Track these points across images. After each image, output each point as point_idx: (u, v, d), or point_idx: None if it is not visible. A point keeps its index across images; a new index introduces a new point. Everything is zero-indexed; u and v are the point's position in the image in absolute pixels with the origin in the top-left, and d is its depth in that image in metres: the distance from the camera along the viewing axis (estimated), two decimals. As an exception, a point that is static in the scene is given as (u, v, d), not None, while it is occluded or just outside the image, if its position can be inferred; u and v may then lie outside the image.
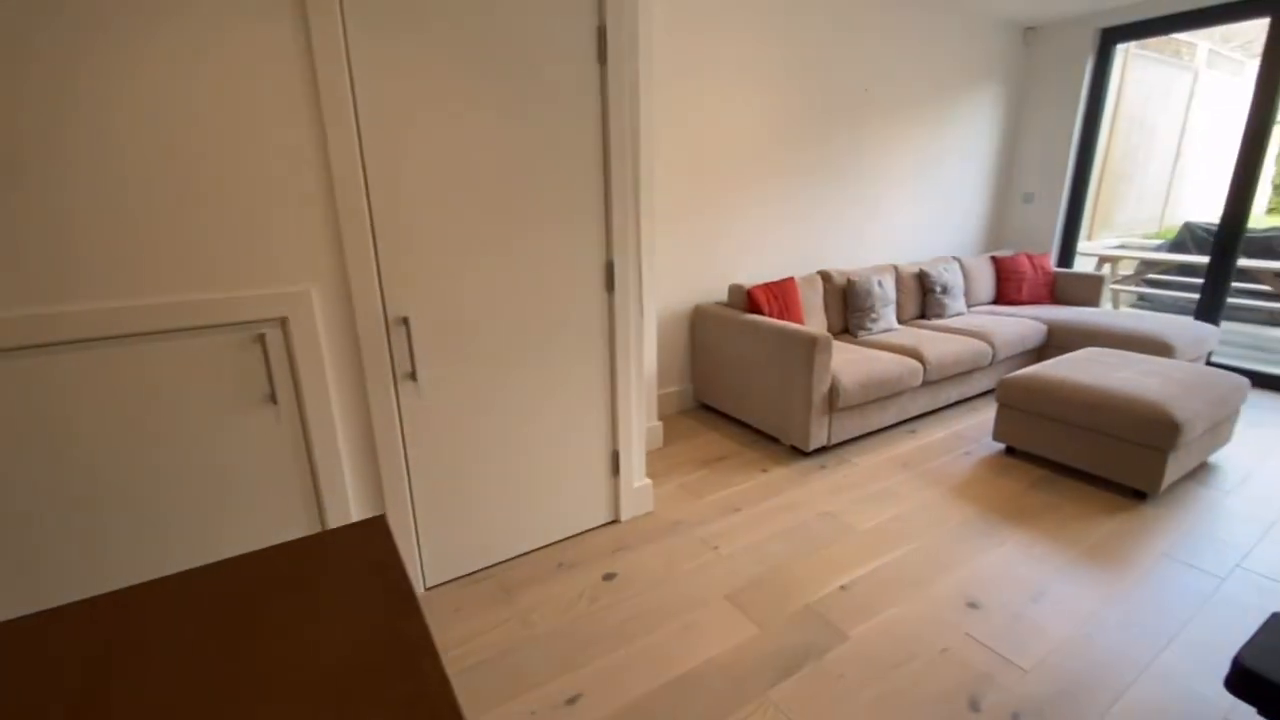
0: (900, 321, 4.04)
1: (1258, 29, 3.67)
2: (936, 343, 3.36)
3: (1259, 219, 8.05)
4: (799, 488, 2.65)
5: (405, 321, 1.75)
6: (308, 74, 1.49)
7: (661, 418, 3.42)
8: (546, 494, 2.16)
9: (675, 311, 3.41)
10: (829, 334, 2.79)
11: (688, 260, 3.36)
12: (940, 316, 4.05)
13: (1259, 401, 3.59)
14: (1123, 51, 4.53)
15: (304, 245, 1.58)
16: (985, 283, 4.44)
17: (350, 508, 1.79)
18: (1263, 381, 3.85)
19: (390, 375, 1.76)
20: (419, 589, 1.98)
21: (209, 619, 0.82)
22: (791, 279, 3.38)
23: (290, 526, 1.73)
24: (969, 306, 4.35)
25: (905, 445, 3.08)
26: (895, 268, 4.05)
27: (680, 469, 2.83)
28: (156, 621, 0.81)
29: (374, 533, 1.07)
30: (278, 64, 1.46)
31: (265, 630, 0.80)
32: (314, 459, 1.70)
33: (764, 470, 2.81)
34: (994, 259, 4.53)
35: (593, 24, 1.86)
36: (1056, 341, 3.89)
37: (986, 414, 3.49)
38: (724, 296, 3.56)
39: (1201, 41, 8.09)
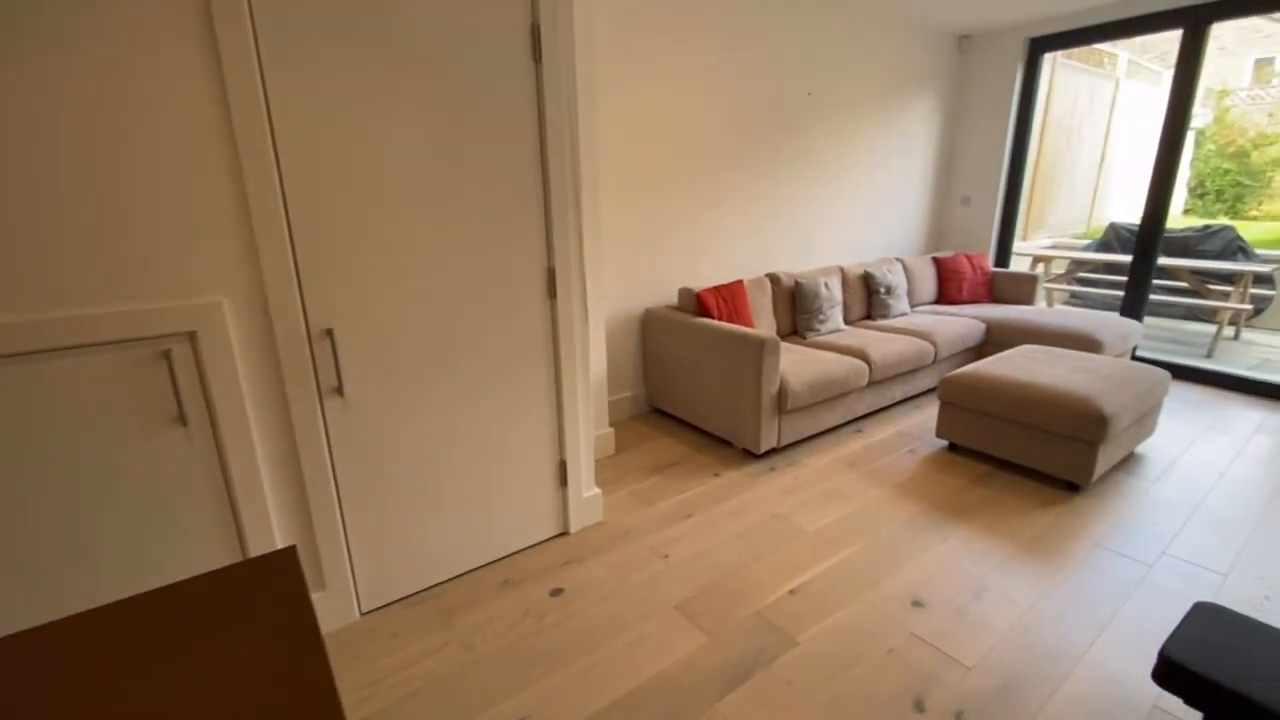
0: (847, 322, 4.10)
1: (1172, 40, 3.88)
2: (881, 343, 3.43)
3: (1176, 220, 8.58)
4: (750, 491, 2.64)
5: (330, 333, 1.65)
6: (212, 71, 1.38)
7: (613, 424, 3.37)
8: (490, 509, 2.08)
9: (626, 315, 3.37)
10: (777, 336, 2.80)
11: (638, 264, 3.33)
12: (885, 317, 4.14)
13: (1179, 393, 3.79)
14: (1050, 60, 4.74)
15: (214, 256, 1.47)
16: (928, 283, 4.57)
17: (274, 533, 1.68)
18: (1182, 374, 4.07)
19: (315, 390, 1.66)
20: (354, 615, 1.87)
21: (92, 669, 0.73)
22: (740, 282, 3.39)
23: (208, 555, 1.60)
24: (913, 306, 4.46)
25: (853, 444, 3.12)
26: (841, 269, 4.11)
27: (632, 476, 2.79)
28: (33, 672, 0.72)
29: (281, 567, 0.99)
30: (177, 67, 1.35)
31: (153, 679, 0.71)
32: (231, 483, 1.59)
33: (716, 474, 2.79)
34: (935, 260, 4.66)
35: (526, 22, 1.80)
36: (995, 339, 4.02)
37: (930, 411, 3.57)
38: (675, 300, 3.54)
39: (1122, 52, 8.57)
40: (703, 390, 3.10)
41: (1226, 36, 11.15)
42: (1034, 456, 2.69)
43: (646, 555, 2.18)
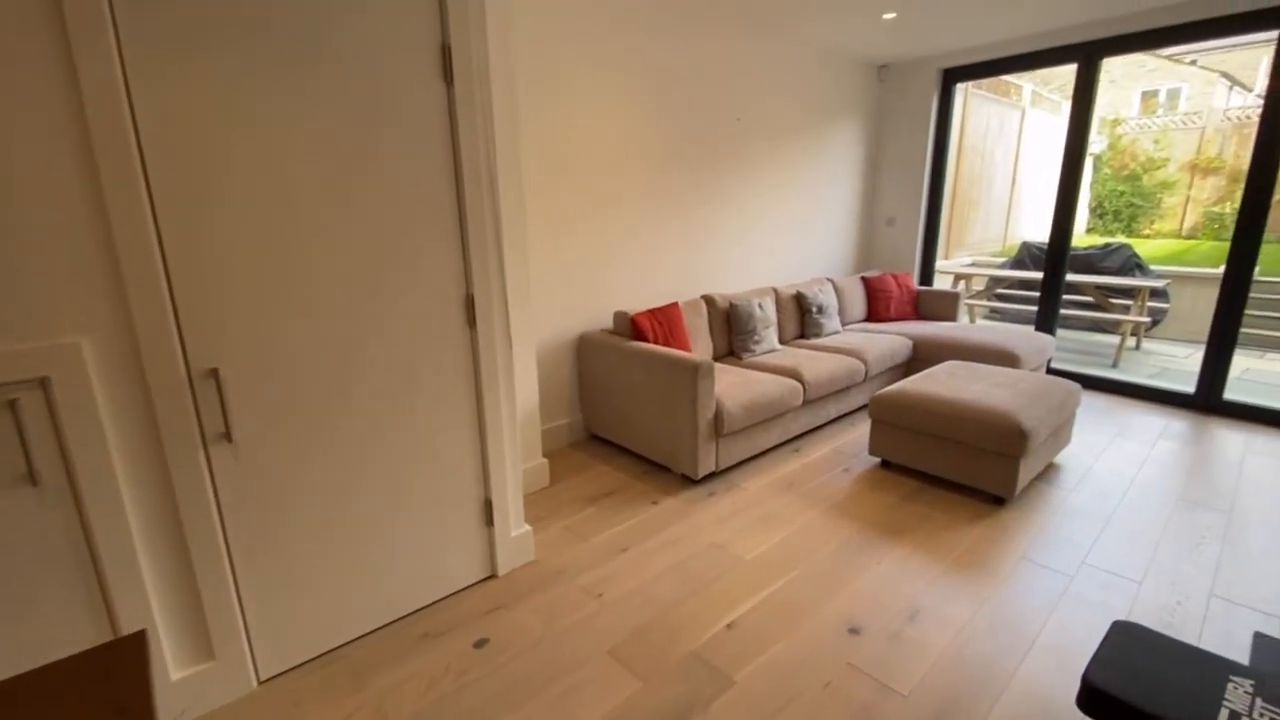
0: (782, 342, 4.15)
1: (1069, 73, 4.16)
2: (815, 362, 3.47)
3: (1080, 239, 9.23)
4: (688, 518, 2.58)
5: (215, 373, 1.49)
6: (64, 80, 1.23)
7: (548, 454, 3.25)
8: (407, 555, 1.93)
9: (560, 340, 3.28)
10: (711, 359, 2.78)
11: (571, 288, 3.26)
12: (818, 336, 4.21)
13: (1090, 403, 4.01)
14: (962, 90, 5.02)
15: (71, 290, 1.30)
16: (857, 302, 4.69)
17: (151, 603, 1.48)
18: (1092, 384, 4.31)
19: (198, 438, 1.49)
20: (250, 684, 1.68)
21: None
22: (676, 304, 3.36)
23: (72, 636, 1.40)
24: (844, 325, 4.57)
25: (790, 465, 3.12)
26: (775, 290, 4.16)
27: (566, 509, 2.68)
28: None
29: (121, 659, 0.85)
30: (24, 83, 1.19)
31: None
32: (97, 549, 1.40)
33: (654, 503, 2.72)
34: (864, 279, 4.80)
35: (435, 41, 1.72)
36: (921, 355, 4.15)
37: (863, 428, 3.63)
38: (610, 324, 3.48)
39: (1026, 84, 9.23)
40: (640, 415, 3.03)
41: (1116, 70, 12.20)
42: (961, 471, 2.75)
43: (579, 596, 2.08)
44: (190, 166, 1.39)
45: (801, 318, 4.26)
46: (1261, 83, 12.21)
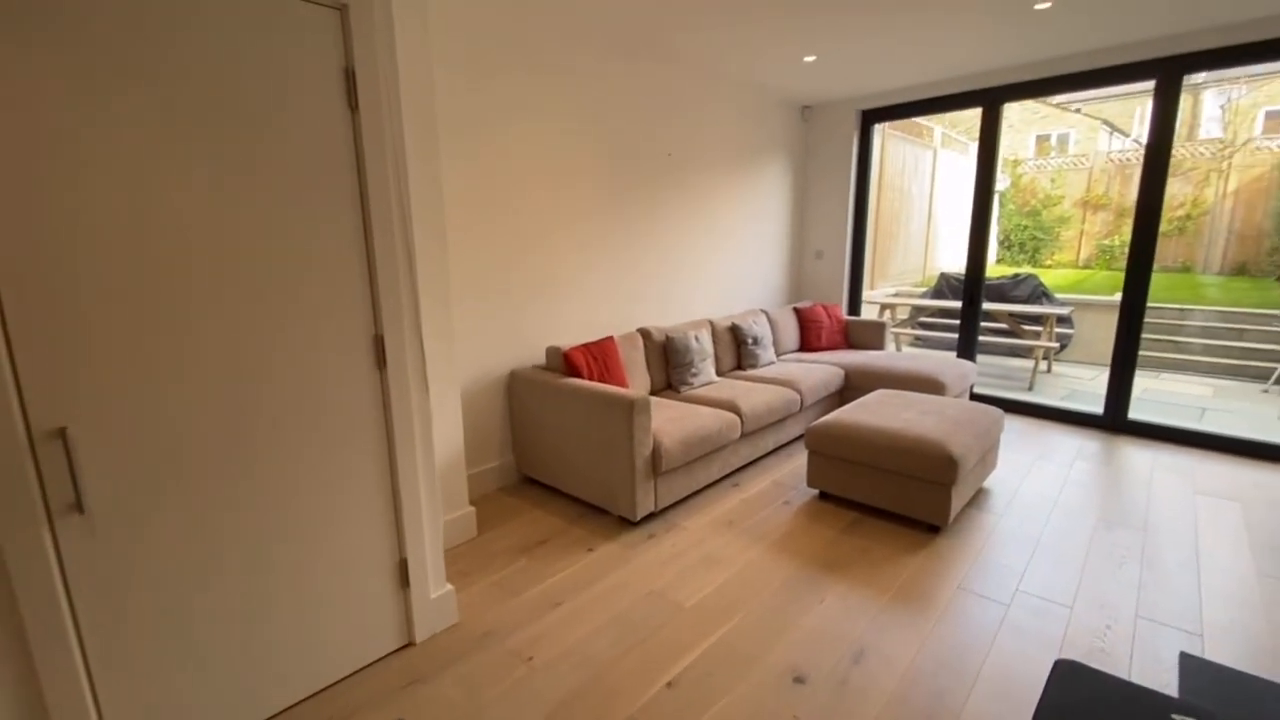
0: (719, 374, 4.13)
1: (975, 117, 4.44)
2: (752, 394, 3.45)
3: (991, 269, 9.86)
4: (626, 565, 2.45)
5: (63, 433, 1.27)
6: None
7: (476, 500, 3.06)
8: (308, 630, 1.71)
9: (490, 378, 3.12)
10: (648, 395, 2.69)
11: (502, 323, 3.12)
12: (754, 367, 4.22)
13: (1011, 425, 4.17)
14: (880, 130, 5.29)
15: None
16: (790, 332, 4.76)
17: (-31, 713, 1.22)
18: (1011, 407, 4.51)
19: (41, 510, 1.26)
20: (107, 801, 1.41)
21: None
22: (611, 338, 3.28)
23: None
24: (779, 355, 4.61)
25: (730, 500, 3.05)
26: (711, 322, 4.16)
27: (496, 561, 2.50)
28: None
29: None
30: None
31: None
32: (-106, 652, 1.14)
33: (590, 549, 2.58)
34: (796, 310, 4.89)
35: (338, 65, 1.60)
36: (853, 384, 4.22)
37: (802, 458, 3.63)
38: (543, 360, 3.35)
39: (937, 126, 9.89)
40: (575, 456, 2.90)
41: (1014, 116, 13.33)
42: (897, 501, 2.76)
43: (507, 660, 1.90)
44: (34, 190, 1.20)
45: (737, 349, 4.27)
46: (1136, 129, 13.67)
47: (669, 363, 3.70)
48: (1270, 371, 5.68)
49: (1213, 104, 11.60)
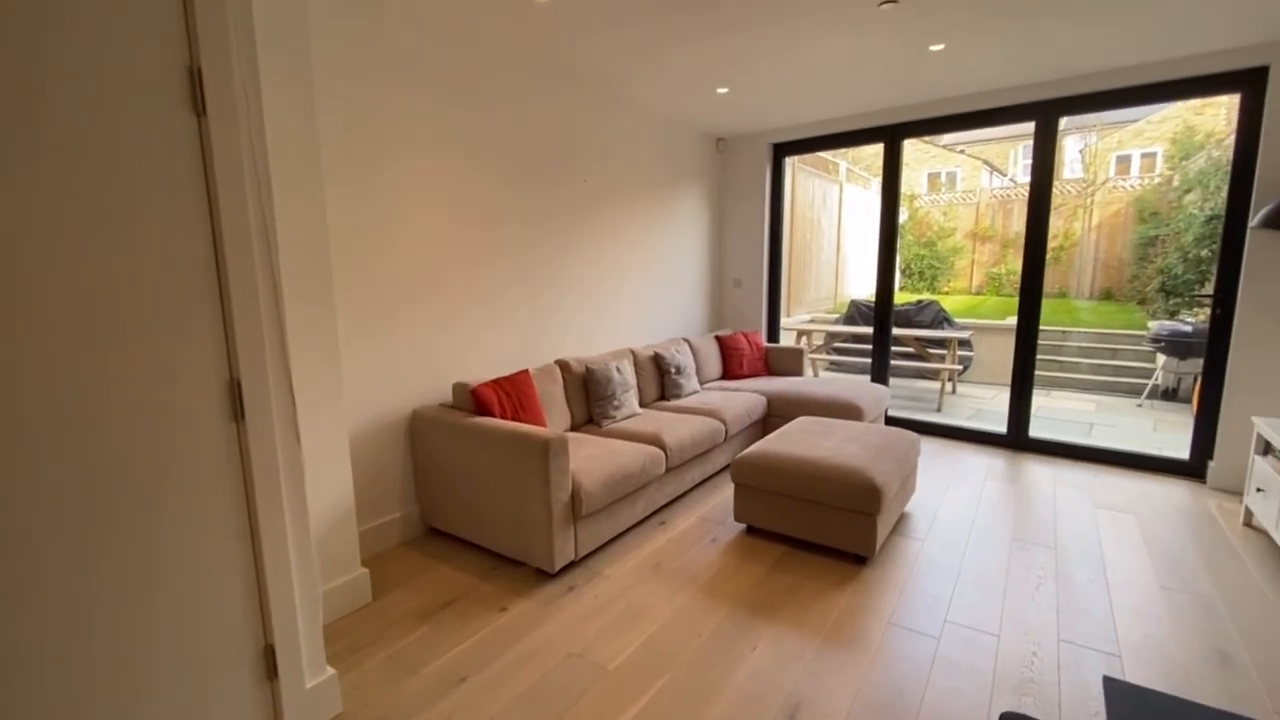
0: (643, 405, 4.00)
1: (876, 153, 4.64)
2: (676, 425, 3.33)
3: (896, 296, 10.42)
4: (544, 624, 2.22)
5: None
6: None
7: (372, 559, 2.72)
8: (138, 747, 1.37)
9: (389, 420, 2.82)
10: (566, 432, 2.50)
11: (402, 359, 2.84)
12: (678, 396, 4.12)
13: (925, 447, 4.28)
14: (791, 164, 5.46)
15: None
16: (713, 360, 4.72)
17: None
18: (923, 429, 4.65)
19: None
20: None
21: None
22: (526, 372, 3.07)
23: None
24: (702, 384, 4.55)
25: (657, 540, 2.89)
26: (633, 352, 4.04)
27: (392, 631, 2.19)
28: None
29: None
30: None
31: None
32: None
33: (503, 609, 2.32)
34: (718, 338, 4.87)
35: (181, 62, 1.35)
36: (775, 411, 4.20)
37: (728, 491, 3.53)
38: (450, 397, 3.08)
39: (842, 162, 10.44)
40: (486, 503, 2.64)
41: (907, 155, 14.37)
42: (824, 533, 2.69)
43: (399, 757, 1.63)
44: None
45: (661, 379, 4.16)
46: (1011, 169, 15.08)
47: (590, 396, 3.53)
48: (1142, 387, 6.23)
49: (1073, 149, 13.01)
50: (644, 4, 2.56)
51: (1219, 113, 10.58)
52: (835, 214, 10.14)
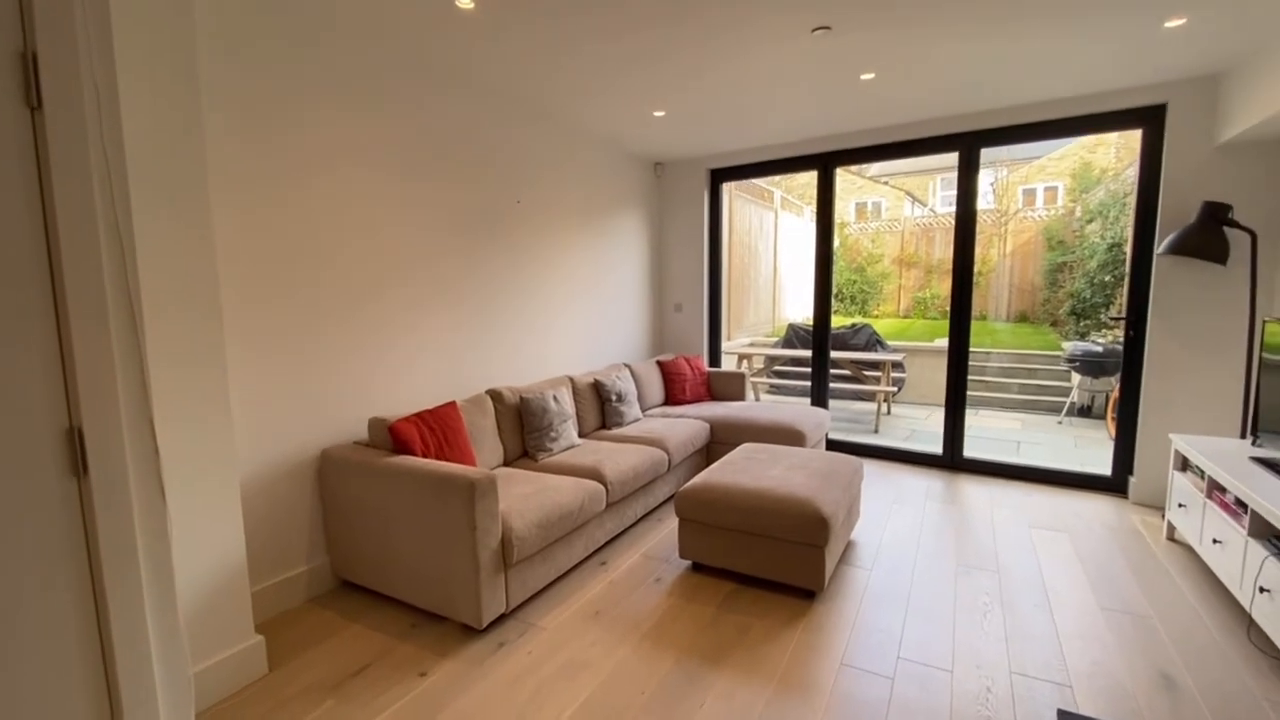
0: (582, 435, 3.81)
1: (810, 181, 4.71)
2: (617, 456, 3.16)
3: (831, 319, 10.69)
4: (470, 689, 1.98)
5: None
6: None
7: (271, 623, 2.39)
8: None
9: (294, 461, 2.52)
10: (492, 473, 2.29)
11: (310, 393, 2.55)
12: (620, 425, 3.96)
13: (866, 470, 4.28)
14: (729, 190, 5.49)
15: None
16: (655, 386, 4.60)
17: None
18: (863, 451, 4.67)
19: None
20: None
21: None
22: (453, 404, 2.84)
23: None
24: (644, 411, 4.41)
25: (597, 584, 2.69)
26: (571, 379, 3.86)
27: (292, 708, 1.89)
28: None
29: None
30: None
31: None
32: None
33: (423, 674, 2.06)
34: (660, 363, 4.76)
35: (11, 46, 1.12)
36: (719, 437, 4.11)
37: (672, 524, 3.38)
38: (365, 434, 2.81)
39: (776, 190, 10.72)
40: (405, 552, 2.38)
41: (837, 185, 15.00)
42: (772, 567, 2.57)
43: None
44: None
45: (602, 407, 3.99)
46: (931, 199, 15.97)
47: (525, 427, 3.32)
48: (1061, 405, 6.56)
49: (985, 182, 13.93)
50: (572, 22, 2.46)
51: (1110, 150, 11.59)
52: (771, 240, 10.36)
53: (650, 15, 2.45)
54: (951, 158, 4.03)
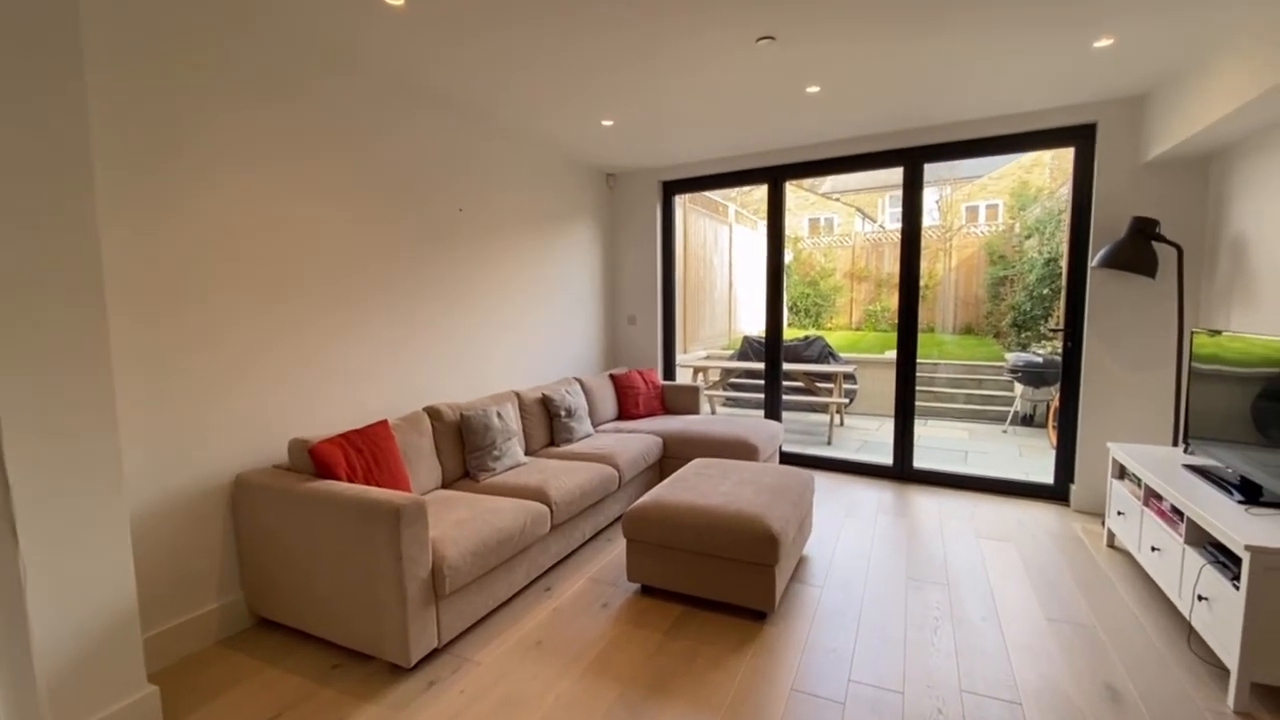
0: (529, 452, 3.67)
1: (762, 195, 4.72)
2: (564, 475, 3.03)
3: (785, 333, 10.80)
4: (392, 736, 1.81)
5: None
6: None
7: (170, 670, 2.16)
8: None
9: (202, 488, 2.30)
10: (421, 497, 2.13)
11: (221, 410, 2.35)
12: (569, 441, 3.83)
13: (818, 483, 4.26)
14: (682, 203, 5.47)
15: None
16: (608, 401, 4.49)
17: None
18: (816, 463, 4.66)
19: None
20: None
21: None
22: (384, 423, 2.66)
23: None
24: (596, 426, 4.29)
25: (540, 611, 2.54)
26: (518, 395, 3.72)
27: (185, 769, 1.69)
28: None
29: None
30: None
31: None
32: None
33: (341, 720, 1.88)
34: (613, 377, 4.65)
35: None
36: (672, 452, 4.02)
37: (622, 545, 3.26)
38: (286, 457, 2.60)
39: (731, 205, 10.82)
40: (327, 586, 2.19)
41: (790, 201, 15.27)
42: (722, 588, 2.48)
43: None
44: None
45: (550, 423, 3.86)
46: (880, 216, 16.45)
47: (465, 446, 3.15)
48: (1005, 414, 6.74)
49: (931, 200, 14.44)
50: (513, 24, 2.37)
51: (1045, 171, 12.16)
52: (726, 253, 10.43)
53: (594, 21, 2.37)
54: (900, 177, 4.09)
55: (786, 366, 5.88)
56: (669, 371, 5.29)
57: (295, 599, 2.28)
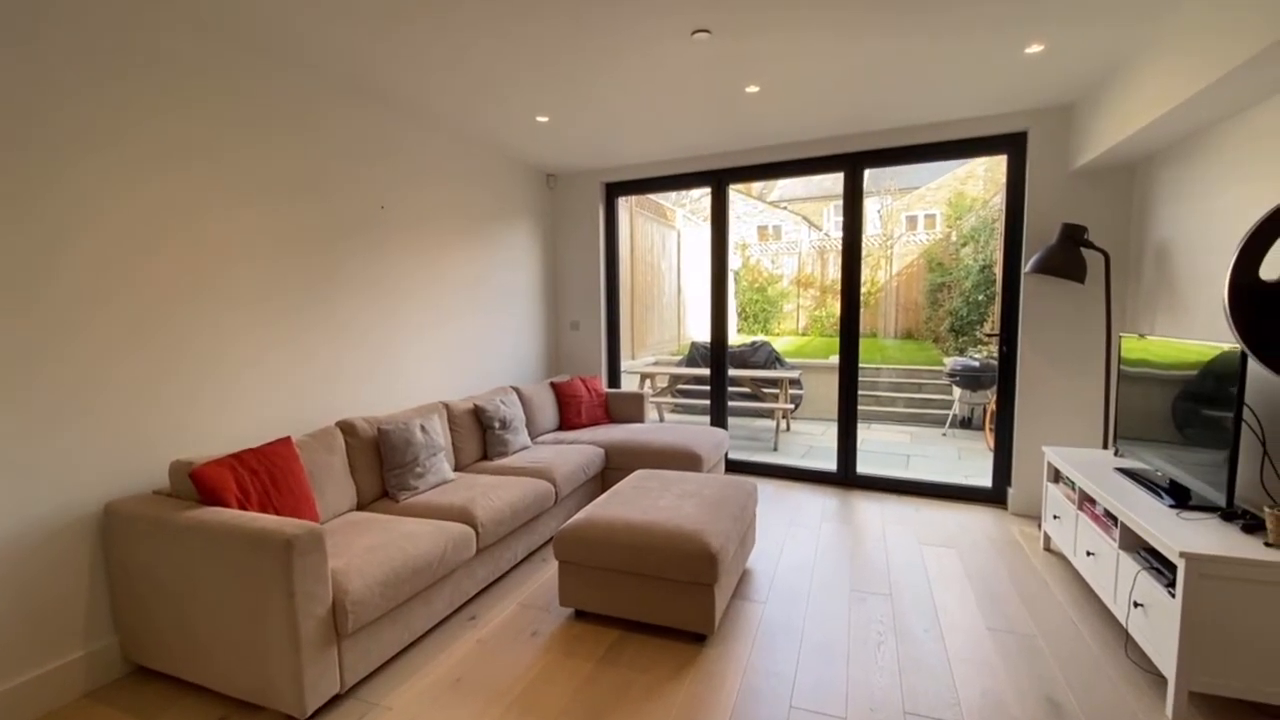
0: (459, 468, 3.44)
1: (709, 203, 4.64)
2: (493, 493, 2.83)
3: (733, 338, 10.84)
4: (277, 803, 1.58)
5: None
6: None
7: (23, 730, 1.86)
8: None
9: (65, 518, 2.00)
10: (318, 528, 1.89)
11: (90, 427, 2.05)
12: (504, 455, 3.62)
13: (763, 490, 4.18)
14: (627, 207, 5.34)
15: None
16: (548, 410, 4.29)
17: None
18: (761, 470, 4.59)
19: None
20: None
21: None
22: (288, 440, 2.40)
23: None
24: (535, 438, 4.09)
25: (462, 644, 2.34)
26: (447, 406, 3.48)
27: None
28: None
29: None
30: None
31: None
32: None
33: (217, 787, 1.63)
34: (554, 385, 4.47)
35: None
36: (614, 463, 3.87)
37: (556, 566, 3.07)
38: (167, 483, 2.30)
39: (678, 209, 10.78)
40: (212, 629, 1.93)
41: (739, 209, 15.41)
42: (660, 611, 2.34)
43: None
44: None
45: (483, 435, 3.64)
46: (825, 224, 16.81)
47: (384, 463, 2.91)
48: (945, 418, 6.88)
49: (873, 209, 14.85)
50: (428, 9, 2.18)
51: (979, 182, 12.67)
52: (674, 259, 10.39)
53: (518, 6, 2.21)
54: (842, 187, 4.07)
55: (733, 372, 5.83)
56: (614, 378, 5.14)
57: (176, 644, 2.00)
